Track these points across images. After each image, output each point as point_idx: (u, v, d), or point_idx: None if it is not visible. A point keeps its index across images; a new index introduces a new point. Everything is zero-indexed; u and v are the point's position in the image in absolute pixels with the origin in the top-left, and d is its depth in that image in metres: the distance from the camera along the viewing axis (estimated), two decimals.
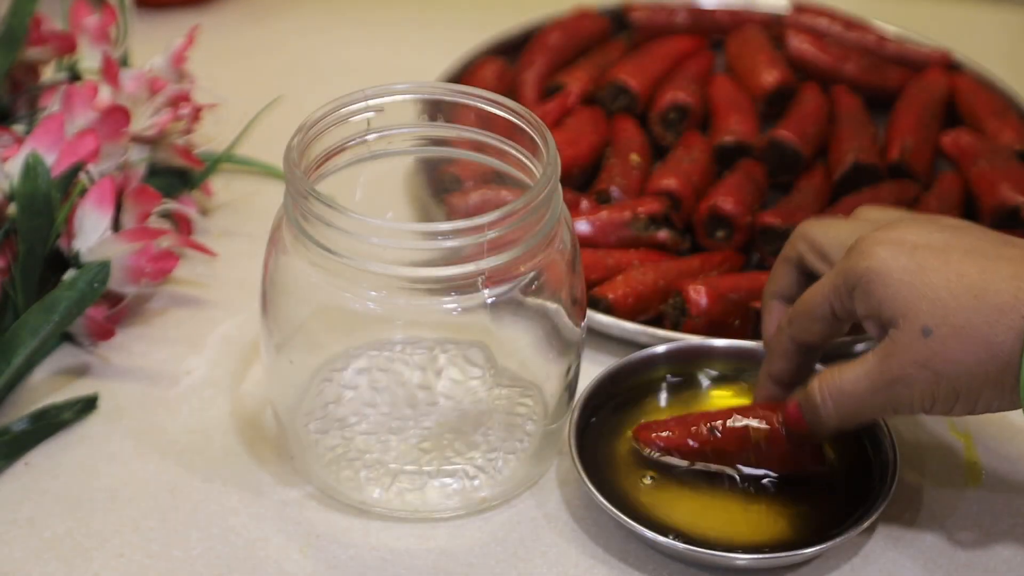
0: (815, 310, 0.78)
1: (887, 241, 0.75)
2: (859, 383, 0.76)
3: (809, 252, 0.81)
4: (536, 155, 0.80)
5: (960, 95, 1.11)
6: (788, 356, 0.81)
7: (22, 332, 0.85)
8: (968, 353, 0.72)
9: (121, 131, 0.93)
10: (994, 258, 0.74)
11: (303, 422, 0.83)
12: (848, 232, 0.79)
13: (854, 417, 0.77)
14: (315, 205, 0.75)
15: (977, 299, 0.72)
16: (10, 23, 0.98)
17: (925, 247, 0.75)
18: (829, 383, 0.77)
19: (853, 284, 0.75)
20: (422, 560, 0.79)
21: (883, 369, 0.75)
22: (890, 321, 0.74)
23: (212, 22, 1.19)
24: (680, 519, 0.79)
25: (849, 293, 0.76)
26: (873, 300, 0.75)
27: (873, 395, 0.75)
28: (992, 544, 0.81)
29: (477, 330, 0.82)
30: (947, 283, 0.73)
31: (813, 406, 0.78)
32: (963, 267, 0.73)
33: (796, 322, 0.80)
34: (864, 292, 0.75)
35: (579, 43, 1.16)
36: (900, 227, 0.76)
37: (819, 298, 0.78)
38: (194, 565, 0.79)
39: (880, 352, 0.75)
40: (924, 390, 0.74)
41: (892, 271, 0.74)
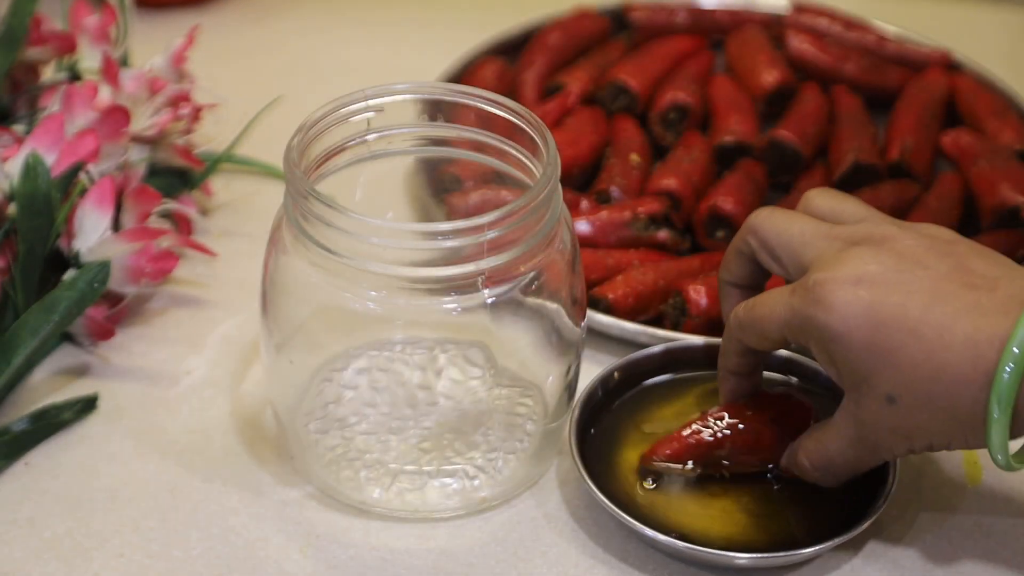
0: (768, 332, 0.77)
1: (845, 285, 0.73)
2: (845, 453, 0.77)
3: (760, 250, 0.79)
4: (536, 155, 0.80)
5: (960, 95, 1.11)
6: (742, 354, 0.81)
7: (22, 332, 0.85)
8: (933, 420, 0.73)
9: (121, 131, 0.93)
10: (952, 311, 0.72)
11: (303, 422, 0.83)
12: (799, 231, 0.77)
13: (848, 475, 0.78)
14: (315, 205, 0.75)
15: (936, 371, 0.71)
16: (10, 23, 0.98)
17: (883, 289, 0.73)
18: (819, 460, 0.78)
19: (810, 335, 0.74)
20: (422, 560, 0.79)
21: (861, 437, 0.75)
22: (853, 386, 0.74)
23: (212, 22, 1.19)
24: (680, 518, 0.79)
25: (806, 339, 0.75)
26: (833, 359, 0.74)
27: (859, 461, 0.77)
28: (992, 544, 0.81)
29: (477, 330, 0.82)
30: (906, 349, 0.72)
31: (810, 477, 0.79)
32: (922, 328, 0.72)
33: (747, 333, 0.79)
34: (823, 348, 0.74)
35: (579, 43, 1.16)
36: (857, 260, 0.74)
37: (774, 324, 0.76)
38: (194, 565, 0.79)
39: (851, 420, 0.75)
40: (901, 447, 0.75)
41: (851, 333, 0.73)
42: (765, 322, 0.77)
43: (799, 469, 0.79)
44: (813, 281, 0.74)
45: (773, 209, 0.79)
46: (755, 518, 0.80)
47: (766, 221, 0.79)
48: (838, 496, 0.81)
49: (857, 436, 0.75)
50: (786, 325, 0.76)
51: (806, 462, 0.79)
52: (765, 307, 0.77)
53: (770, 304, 0.77)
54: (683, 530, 0.79)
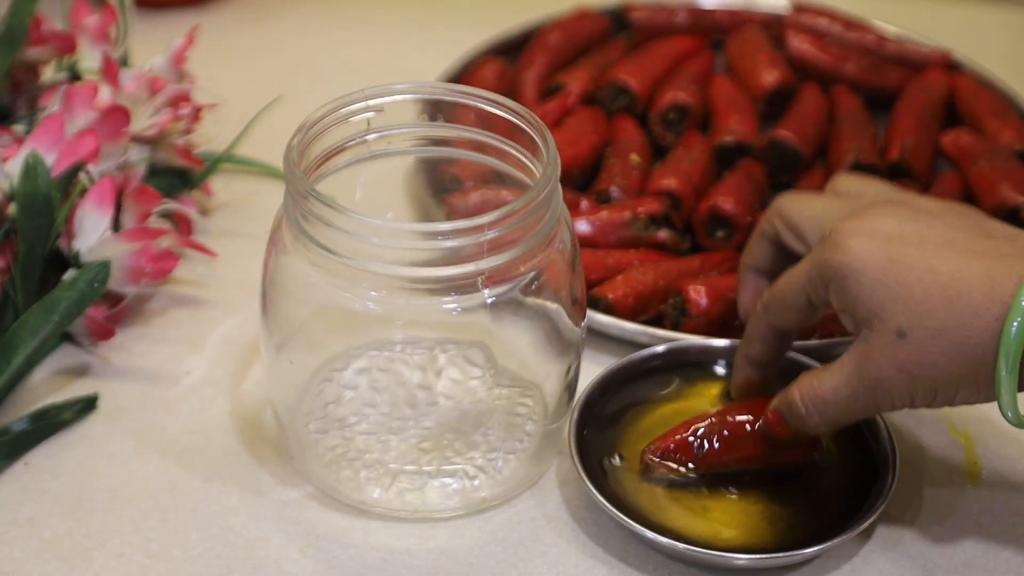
0: (791, 299, 0.78)
1: (861, 232, 0.75)
2: (839, 390, 0.76)
3: (785, 230, 0.81)
4: (536, 155, 0.80)
5: (960, 95, 1.11)
6: (765, 340, 0.81)
7: (22, 332, 0.85)
8: (943, 355, 0.72)
9: (121, 131, 0.93)
10: (967, 253, 0.73)
11: (303, 422, 0.83)
12: (823, 209, 0.79)
13: (838, 421, 0.77)
14: (315, 205, 0.75)
15: (950, 300, 0.72)
16: (10, 23, 0.98)
17: (899, 239, 0.74)
18: (810, 392, 0.77)
19: (828, 278, 0.75)
20: (422, 560, 0.79)
21: (861, 374, 0.75)
22: (864, 321, 0.74)
23: (212, 22, 1.19)
24: (680, 519, 0.79)
25: (824, 286, 0.76)
26: (848, 297, 0.75)
27: (854, 400, 0.76)
28: (992, 544, 0.81)
29: (477, 330, 0.82)
30: (921, 283, 0.72)
31: (797, 415, 0.78)
32: (937, 264, 0.73)
33: (772, 309, 0.80)
34: (839, 288, 0.75)
35: (579, 43, 1.16)
36: (874, 215, 0.76)
37: (795, 288, 0.78)
38: (194, 565, 0.79)
39: (856, 355, 0.75)
40: (902, 391, 0.74)
41: (866, 268, 0.74)
42: (788, 288, 0.78)
43: (789, 406, 0.78)
44: (831, 231, 0.75)
45: (795, 193, 0.81)
46: (754, 518, 0.80)
47: (790, 200, 0.81)
48: (838, 496, 0.81)
49: (859, 372, 0.75)
50: (808, 281, 0.76)
51: (797, 396, 0.77)
52: (787, 276, 0.79)
53: (791, 272, 0.78)
54: (683, 531, 0.79)
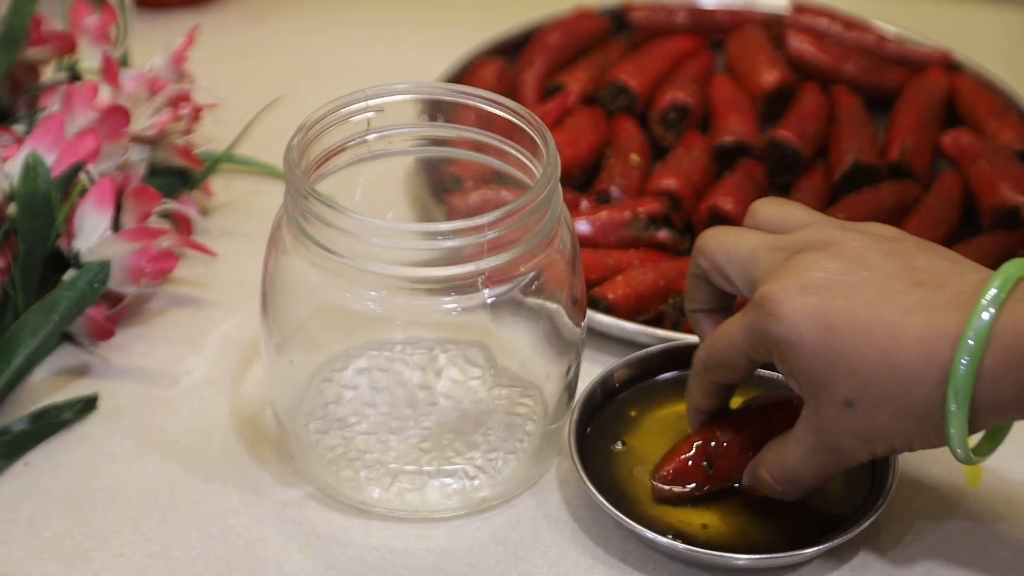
0: (733, 360, 0.77)
1: (791, 296, 0.73)
2: (806, 463, 0.76)
3: (711, 271, 0.79)
4: (536, 155, 0.80)
5: (960, 95, 1.11)
6: (711, 394, 0.81)
7: (22, 332, 0.85)
8: (893, 419, 0.73)
9: (121, 131, 0.93)
10: (900, 310, 0.72)
11: (303, 422, 0.83)
12: (747, 247, 0.77)
13: (812, 486, 0.78)
14: (315, 205, 0.75)
15: (891, 370, 0.71)
16: (10, 23, 0.98)
17: (828, 292, 0.73)
18: (779, 471, 0.77)
19: (767, 348, 0.75)
20: (422, 560, 0.79)
21: (822, 444, 0.75)
22: (811, 392, 0.74)
23: (212, 22, 1.19)
24: (680, 519, 0.79)
25: (767, 352, 0.75)
26: (790, 367, 0.74)
27: (821, 468, 0.76)
28: (992, 544, 0.81)
29: (477, 330, 0.82)
30: (858, 351, 0.72)
31: (770, 490, 0.79)
32: (871, 327, 0.72)
33: (713, 368, 0.79)
34: (780, 357, 0.74)
35: (579, 43, 1.16)
36: (799, 269, 0.74)
37: (735, 350, 0.77)
38: (194, 565, 0.79)
39: (811, 426, 0.75)
40: (863, 452, 0.75)
41: (803, 340, 0.72)
42: (727, 352, 0.77)
43: (761, 484, 0.79)
44: (760, 295, 0.74)
45: (717, 228, 0.79)
46: (755, 518, 0.80)
47: (711, 241, 0.79)
48: (838, 496, 0.81)
49: (819, 444, 0.75)
50: (747, 346, 0.76)
51: (767, 476, 0.78)
52: (723, 339, 0.77)
53: (727, 334, 0.77)
54: (683, 531, 0.79)
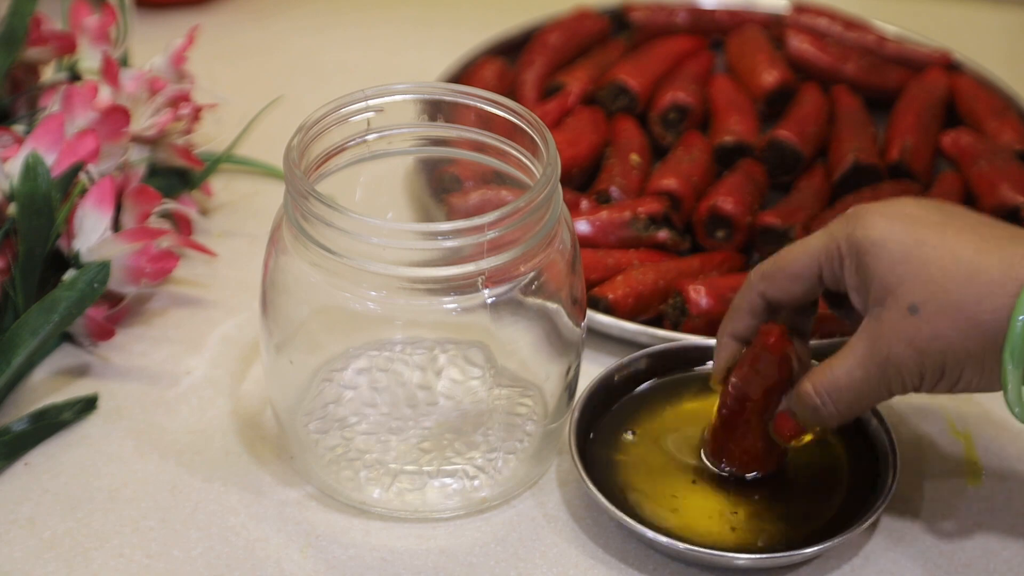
0: (799, 269, 0.77)
1: (885, 213, 0.75)
2: (853, 373, 0.75)
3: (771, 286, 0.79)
4: (536, 155, 0.80)
5: (960, 95, 1.11)
6: (754, 313, 0.80)
7: (22, 332, 0.85)
8: (953, 329, 0.72)
9: (121, 131, 0.93)
10: (988, 237, 0.74)
11: (303, 422, 0.83)
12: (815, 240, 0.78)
13: (855, 408, 0.77)
14: (315, 205, 0.75)
15: (968, 277, 0.72)
16: (10, 23, 0.98)
17: (922, 221, 0.74)
18: (823, 381, 0.76)
19: (846, 252, 0.75)
20: (422, 560, 0.79)
21: (873, 352, 0.74)
22: (878, 298, 0.74)
23: (212, 22, 1.19)
24: (680, 519, 0.79)
25: (841, 260, 0.75)
26: (865, 273, 0.74)
27: (867, 382, 0.75)
28: (992, 544, 0.81)
29: (477, 330, 0.82)
30: (940, 260, 0.73)
31: (812, 408, 0.77)
32: (958, 244, 0.73)
33: (774, 280, 0.78)
34: (858, 263, 0.75)
35: (579, 43, 1.16)
36: (896, 201, 0.76)
37: (806, 259, 0.77)
38: (194, 565, 0.79)
39: (866, 334, 0.75)
40: (912, 368, 0.74)
41: (889, 246, 0.74)
42: (797, 259, 0.77)
43: (800, 400, 0.77)
44: (853, 210, 0.75)
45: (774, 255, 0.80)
46: (755, 518, 0.80)
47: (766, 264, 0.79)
48: (838, 496, 0.81)
49: (870, 352, 0.74)
50: (822, 251, 0.76)
51: (810, 387, 0.77)
52: (796, 247, 0.78)
53: (801, 244, 0.78)
54: (683, 530, 0.79)
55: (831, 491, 0.81)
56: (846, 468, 0.82)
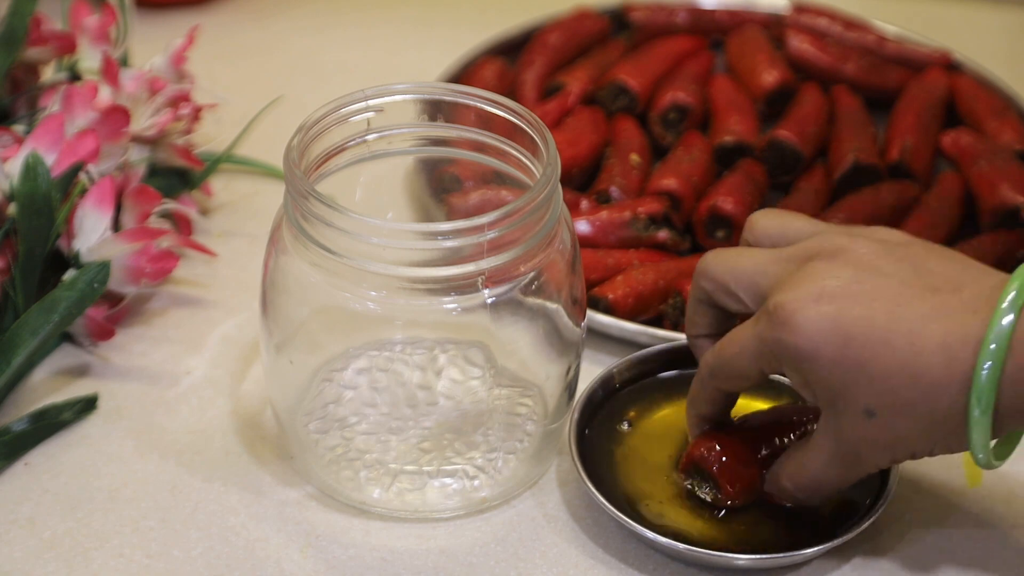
0: (742, 369, 0.76)
1: (806, 304, 0.72)
2: (828, 472, 0.76)
3: (717, 292, 0.78)
4: (536, 155, 0.80)
5: (960, 95, 1.11)
6: (715, 402, 0.80)
7: (22, 332, 0.85)
8: (914, 427, 0.72)
9: (121, 131, 0.93)
10: (920, 316, 0.71)
11: (303, 422, 0.83)
12: (752, 265, 0.76)
13: (831, 493, 0.78)
14: (315, 205, 0.75)
15: (912, 379, 0.71)
16: (10, 23, 0.98)
17: (847, 298, 0.72)
18: (801, 481, 0.77)
19: (781, 358, 0.74)
20: (422, 560, 0.79)
21: (842, 452, 0.75)
22: (828, 402, 0.74)
23: (212, 22, 1.19)
24: (680, 519, 0.79)
25: (779, 363, 0.74)
26: (806, 378, 0.74)
27: (843, 475, 0.76)
28: (992, 545, 0.81)
29: (477, 330, 0.82)
30: (878, 360, 0.71)
31: (793, 499, 0.79)
32: (890, 337, 0.71)
33: (721, 376, 0.78)
34: (795, 368, 0.74)
35: (579, 43, 1.16)
36: (813, 278, 0.73)
37: (745, 360, 0.76)
38: (194, 565, 0.79)
39: (831, 435, 0.75)
40: (883, 459, 0.75)
41: (820, 350, 0.72)
42: (737, 360, 0.76)
43: (782, 493, 0.79)
44: (774, 304, 0.73)
45: (718, 250, 0.79)
46: (755, 518, 0.80)
47: (714, 262, 0.78)
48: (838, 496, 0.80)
49: (838, 452, 0.75)
50: (758, 355, 0.75)
51: (789, 485, 0.78)
52: (733, 345, 0.76)
53: (737, 341, 0.76)
54: (682, 531, 0.79)
55: None
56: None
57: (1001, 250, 0.97)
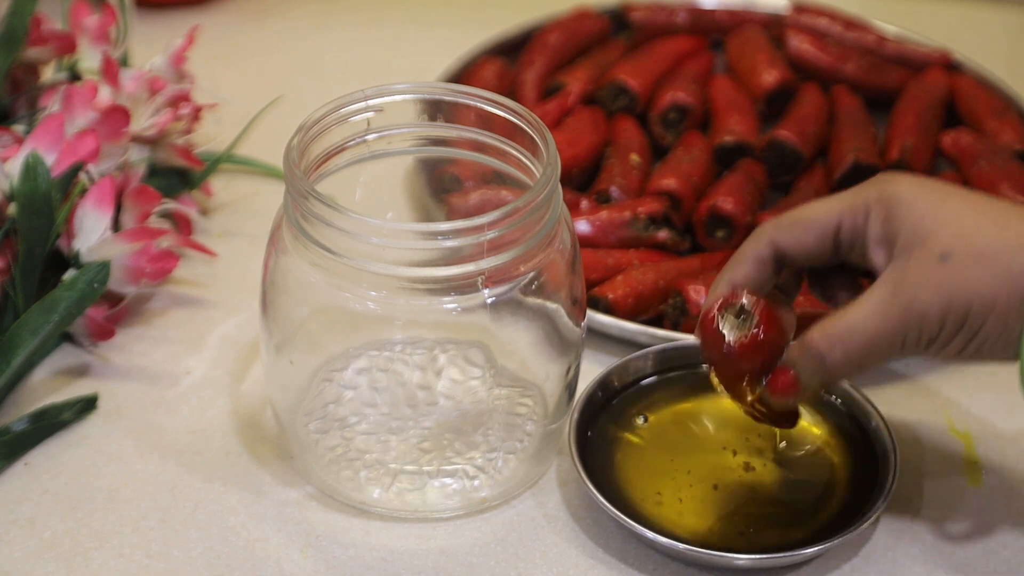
0: (820, 219, 0.75)
1: (911, 177, 0.75)
2: (869, 318, 0.73)
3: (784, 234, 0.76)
4: (536, 155, 0.80)
5: (960, 95, 1.11)
6: (760, 262, 0.77)
7: (22, 332, 0.85)
8: (983, 278, 0.71)
9: (121, 131, 0.93)
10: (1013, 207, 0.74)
11: (303, 422, 0.83)
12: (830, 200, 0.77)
13: (863, 359, 0.74)
14: (315, 205, 0.75)
15: (1001, 228, 0.72)
16: (10, 23, 0.98)
17: (950, 187, 0.75)
18: (833, 327, 0.74)
19: (875, 205, 0.74)
20: (422, 560, 0.79)
21: (896, 297, 0.72)
22: (905, 248, 0.73)
23: (212, 22, 1.19)
24: (679, 519, 0.79)
25: (866, 214, 0.74)
26: (892, 225, 0.74)
27: (885, 329, 0.73)
28: (992, 544, 0.81)
29: (477, 330, 0.82)
30: (971, 212, 0.73)
31: (816, 356, 0.74)
32: (987, 204, 0.73)
33: (789, 228, 0.76)
34: (885, 215, 0.74)
35: (579, 43, 1.16)
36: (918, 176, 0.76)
37: (827, 210, 0.75)
38: (194, 565, 0.79)
39: (889, 282, 0.73)
40: (935, 316, 0.72)
41: (918, 198, 0.73)
42: (817, 210, 0.76)
43: (806, 348, 0.75)
44: (881, 175, 0.75)
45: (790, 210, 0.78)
46: (755, 518, 0.80)
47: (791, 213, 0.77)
48: (838, 496, 0.81)
49: (892, 297, 0.72)
50: (847, 205, 0.75)
51: (817, 332, 0.74)
52: (816, 202, 0.77)
53: (822, 200, 0.77)
54: (682, 531, 0.79)
55: (831, 491, 0.81)
56: (846, 468, 0.82)
57: None
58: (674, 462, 0.83)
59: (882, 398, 0.87)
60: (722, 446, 0.83)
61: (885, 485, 0.80)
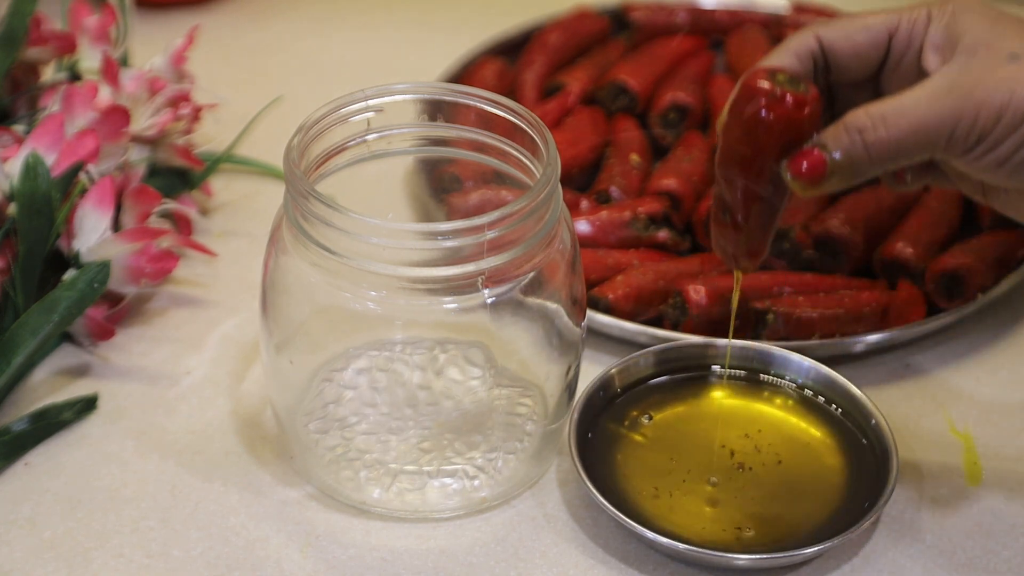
0: (876, 20, 0.74)
1: None
2: (922, 103, 0.70)
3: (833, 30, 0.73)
4: (536, 155, 0.80)
5: None
6: (799, 58, 0.74)
7: (22, 332, 0.85)
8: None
9: (121, 131, 0.93)
10: None
11: (303, 422, 0.83)
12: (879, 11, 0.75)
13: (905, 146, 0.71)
14: (315, 205, 0.75)
15: None
16: (10, 23, 0.98)
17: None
18: (880, 106, 0.70)
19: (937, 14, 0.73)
20: (422, 560, 0.79)
21: (956, 83, 0.70)
22: (971, 47, 0.72)
23: (212, 22, 1.19)
24: (679, 519, 0.79)
25: (927, 17, 0.73)
26: (958, 27, 0.72)
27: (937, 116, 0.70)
28: (992, 544, 0.81)
29: (477, 330, 0.82)
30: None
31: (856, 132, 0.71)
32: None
33: (841, 26, 0.74)
34: (949, 21, 0.73)
35: (579, 43, 1.17)
36: None
37: (883, 16, 0.74)
38: (194, 565, 0.79)
39: (948, 74, 0.71)
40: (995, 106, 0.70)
41: (984, 9, 0.72)
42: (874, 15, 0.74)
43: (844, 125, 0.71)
44: None
45: None
46: (755, 518, 0.80)
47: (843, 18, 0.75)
48: (838, 496, 0.81)
49: (951, 83, 0.71)
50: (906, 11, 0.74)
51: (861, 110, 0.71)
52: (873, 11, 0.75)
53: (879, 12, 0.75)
54: (682, 530, 0.79)
55: (831, 491, 0.81)
56: (846, 468, 0.82)
57: (1001, 250, 0.97)
58: (674, 462, 0.83)
59: (882, 398, 0.87)
60: (721, 446, 0.83)
61: (885, 485, 0.80)
